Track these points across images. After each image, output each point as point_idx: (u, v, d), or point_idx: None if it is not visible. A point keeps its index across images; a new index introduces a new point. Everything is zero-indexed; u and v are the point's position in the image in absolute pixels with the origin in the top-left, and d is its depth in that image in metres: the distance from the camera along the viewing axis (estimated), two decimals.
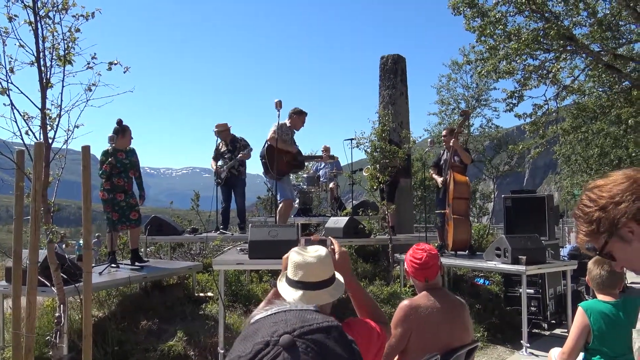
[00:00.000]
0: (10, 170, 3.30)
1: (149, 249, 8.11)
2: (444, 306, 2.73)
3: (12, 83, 3.11)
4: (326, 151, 10.33)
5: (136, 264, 6.00)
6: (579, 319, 2.89)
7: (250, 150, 7.80)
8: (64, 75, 3.20)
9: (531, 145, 14.69)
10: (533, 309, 6.66)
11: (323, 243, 2.10)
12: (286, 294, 1.85)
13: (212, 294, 6.17)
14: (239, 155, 7.71)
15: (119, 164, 5.84)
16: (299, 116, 7.22)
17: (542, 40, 10.07)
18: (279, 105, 6.33)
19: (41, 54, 3.17)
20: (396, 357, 2.69)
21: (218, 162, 7.95)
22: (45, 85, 3.18)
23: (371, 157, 8.02)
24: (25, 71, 3.21)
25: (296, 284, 1.83)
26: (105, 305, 5.69)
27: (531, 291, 6.64)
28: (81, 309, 3.45)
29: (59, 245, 4.17)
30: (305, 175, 10.15)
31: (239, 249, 5.81)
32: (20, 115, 3.13)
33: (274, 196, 7.43)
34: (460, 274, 8.21)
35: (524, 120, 11.92)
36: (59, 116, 3.20)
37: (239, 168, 7.88)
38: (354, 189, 10.20)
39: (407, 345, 2.66)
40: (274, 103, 6.39)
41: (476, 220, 16.66)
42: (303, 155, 7.66)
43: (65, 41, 3.21)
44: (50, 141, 3.21)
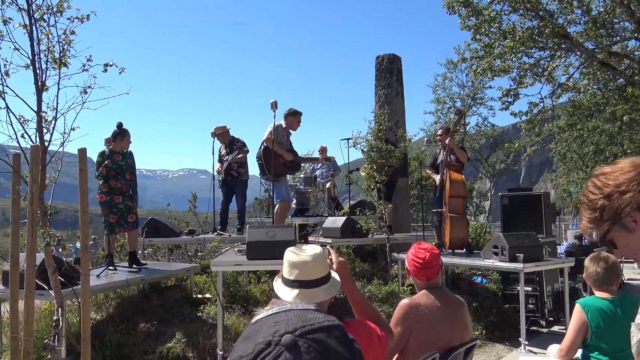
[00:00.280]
0: (7, 174, 3.29)
1: (146, 251, 8.09)
2: (443, 305, 2.73)
3: (7, 86, 3.10)
4: (323, 151, 10.33)
5: (134, 266, 5.99)
6: (576, 316, 2.90)
7: (245, 151, 7.79)
8: (59, 78, 3.19)
9: (527, 143, 14.72)
10: (531, 306, 6.68)
11: None
12: (282, 293, 1.85)
13: (210, 296, 6.16)
14: (230, 157, 7.71)
15: (115, 165, 5.81)
16: (294, 116, 7.21)
17: (537, 38, 10.09)
18: (274, 105, 6.33)
19: (36, 57, 3.15)
20: (396, 356, 2.69)
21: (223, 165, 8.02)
22: (40, 88, 3.17)
23: (368, 157, 8.02)
24: (20, 74, 3.21)
25: (292, 283, 1.83)
26: (103, 307, 5.68)
27: (529, 289, 6.66)
28: (79, 312, 3.44)
29: (56, 248, 4.17)
30: (302, 176, 10.14)
31: (236, 250, 5.81)
32: (16, 118, 3.12)
33: (271, 197, 7.43)
34: (458, 272, 8.23)
35: (520, 119, 11.94)
36: (55, 119, 3.18)
37: (239, 169, 7.86)
38: (350, 188, 10.20)
39: (406, 344, 2.66)
40: (269, 104, 6.39)
41: (473, 219, 16.70)
42: (299, 157, 7.66)
43: (61, 44, 3.20)
44: (46, 144, 3.20)
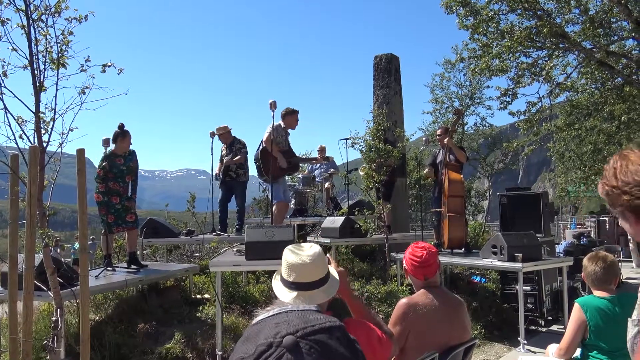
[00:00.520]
0: (5, 175, 3.28)
1: (145, 252, 8.09)
2: (442, 304, 2.73)
3: (5, 87, 3.10)
4: (322, 151, 10.33)
5: (133, 267, 5.97)
6: (575, 315, 2.90)
7: (243, 153, 7.79)
8: (57, 79, 3.19)
9: (525, 142, 14.72)
10: (530, 305, 6.69)
11: None
12: (281, 294, 1.84)
13: (209, 296, 6.15)
14: (226, 159, 7.70)
15: (115, 169, 5.80)
16: (291, 115, 7.22)
17: (534, 37, 10.10)
18: (273, 106, 6.33)
19: (34, 58, 3.15)
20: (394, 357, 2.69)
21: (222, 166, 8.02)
22: (38, 88, 3.16)
23: (366, 157, 8.02)
24: (18, 75, 3.20)
25: (290, 284, 1.82)
26: (102, 308, 5.67)
27: (527, 288, 6.67)
28: (78, 313, 3.43)
29: (54, 249, 4.16)
30: (300, 176, 10.14)
31: (235, 250, 5.81)
32: (14, 119, 3.11)
33: (269, 197, 7.43)
34: (456, 271, 8.23)
35: (518, 118, 11.93)
36: (53, 120, 3.18)
37: (237, 171, 7.85)
38: (349, 188, 10.20)
39: (405, 343, 2.65)
40: (268, 104, 6.39)
41: (472, 218, 16.70)
42: (297, 157, 7.66)
43: (59, 44, 3.19)
44: (44, 145, 3.19)
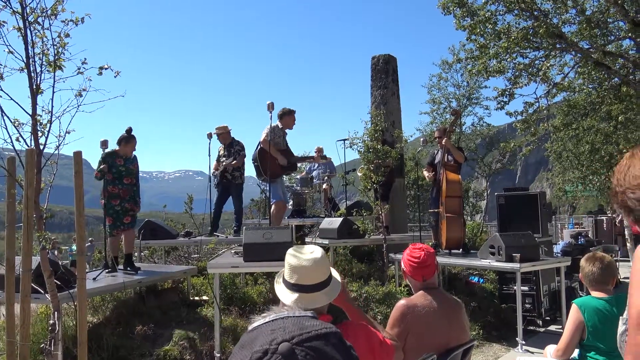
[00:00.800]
0: (2, 177, 3.28)
1: (142, 253, 8.07)
2: (440, 306, 2.72)
3: (1, 89, 3.09)
4: (319, 152, 10.32)
5: (128, 269, 5.96)
6: (573, 316, 2.91)
7: (241, 157, 7.77)
8: (54, 81, 3.19)
9: (522, 143, 14.75)
10: (528, 306, 6.69)
11: None
12: (283, 296, 1.86)
13: (207, 298, 6.14)
14: (225, 162, 7.69)
15: (114, 169, 5.83)
16: (289, 115, 7.21)
17: (531, 38, 10.11)
18: (271, 107, 6.33)
19: (31, 60, 3.15)
20: None
21: (219, 167, 7.99)
22: (35, 91, 3.16)
23: (364, 158, 8.02)
24: (15, 77, 3.20)
25: (292, 286, 1.84)
26: (100, 310, 5.66)
27: (525, 288, 6.67)
28: (76, 315, 3.43)
29: (51, 251, 4.15)
30: (298, 177, 10.14)
31: (233, 251, 5.80)
32: (11, 121, 3.12)
33: (268, 198, 7.42)
34: (454, 272, 8.24)
35: (515, 118, 11.94)
36: (50, 122, 3.18)
37: (233, 173, 7.83)
38: (347, 189, 10.20)
39: (404, 345, 2.65)
40: (266, 105, 6.39)
41: (470, 219, 16.72)
42: (295, 157, 7.65)
43: (55, 47, 3.19)
44: (41, 147, 3.19)
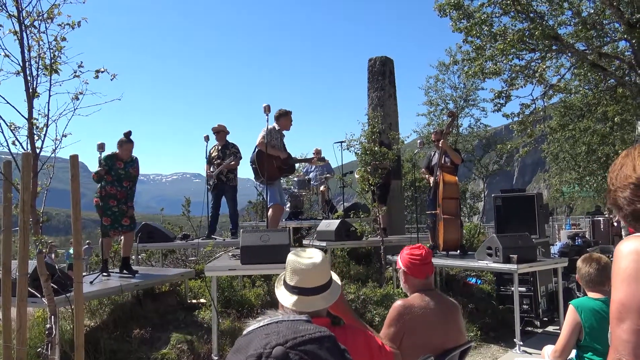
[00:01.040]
0: None
1: (140, 256, 8.06)
2: (437, 307, 2.72)
3: None
4: (317, 154, 10.33)
5: (125, 272, 5.95)
6: (570, 317, 2.91)
7: (238, 158, 7.77)
8: (50, 85, 3.18)
9: (519, 144, 14.81)
10: (525, 307, 6.70)
11: None
12: (282, 298, 1.88)
13: (204, 301, 6.14)
14: (224, 163, 7.68)
15: (112, 172, 5.84)
16: (285, 117, 7.20)
17: (527, 40, 10.15)
18: (267, 109, 6.33)
19: (27, 64, 3.14)
20: None
21: (211, 167, 7.95)
22: (31, 94, 3.15)
23: (361, 159, 8.02)
24: (11, 81, 3.19)
25: (292, 289, 1.86)
26: (97, 314, 5.64)
27: (523, 289, 6.68)
28: (73, 319, 3.42)
29: (48, 255, 4.15)
30: (295, 179, 10.14)
31: (230, 254, 5.79)
32: (7, 125, 3.11)
33: (265, 201, 7.41)
34: (452, 273, 8.25)
35: (512, 120, 11.99)
36: (47, 126, 3.17)
37: (228, 175, 7.83)
38: (344, 191, 10.20)
39: (400, 346, 2.64)
40: (262, 107, 6.38)
41: (467, 220, 16.74)
42: (293, 158, 7.64)
43: (51, 50, 3.19)
44: (37, 151, 3.19)
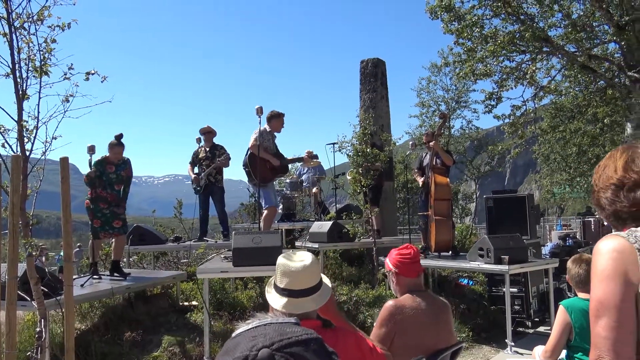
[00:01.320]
0: None
1: (131, 259, 8.01)
2: (429, 307, 2.72)
3: None
4: (309, 155, 10.32)
5: (115, 274, 5.91)
6: (560, 317, 2.94)
7: (228, 158, 7.75)
8: (40, 87, 3.17)
9: (510, 145, 14.90)
10: (517, 307, 6.74)
11: None
12: (272, 301, 1.88)
13: (196, 303, 6.12)
14: (217, 161, 7.66)
15: (104, 176, 5.81)
16: (277, 119, 7.19)
17: (518, 42, 10.21)
18: (259, 111, 6.33)
19: (17, 66, 3.12)
20: None
21: (194, 169, 7.90)
22: (21, 97, 3.13)
23: (353, 161, 8.03)
24: (0, 83, 3.17)
25: (282, 291, 1.86)
26: (88, 317, 5.61)
27: (514, 290, 6.72)
28: (63, 322, 3.40)
29: (39, 258, 4.12)
30: (288, 181, 10.13)
31: (222, 256, 5.78)
32: None
33: (258, 202, 7.40)
34: (444, 274, 8.27)
35: (503, 121, 12.05)
36: (36, 128, 3.15)
37: (216, 176, 7.81)
38: (337, 193, 10.21)
39: (391, 346, 2.64)
40: (254, 109, 6.38)
41: (459, 221, 16.81)
42: (285, 159, 7.63)
43: (41, 52, 3.17)
44: (27, 153, 3.17)
